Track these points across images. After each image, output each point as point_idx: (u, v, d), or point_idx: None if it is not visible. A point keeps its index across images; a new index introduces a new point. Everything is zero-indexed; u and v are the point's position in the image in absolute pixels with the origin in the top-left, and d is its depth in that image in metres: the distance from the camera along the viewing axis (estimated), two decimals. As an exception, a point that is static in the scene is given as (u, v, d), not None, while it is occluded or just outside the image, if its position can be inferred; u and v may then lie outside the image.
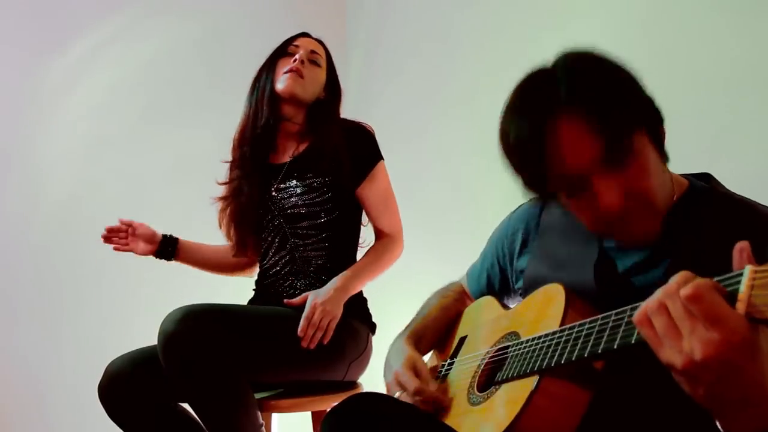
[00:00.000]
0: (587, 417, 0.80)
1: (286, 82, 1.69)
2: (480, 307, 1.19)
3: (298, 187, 1.67)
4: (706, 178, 0.94)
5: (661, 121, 0.86)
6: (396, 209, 1.77)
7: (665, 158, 0.86)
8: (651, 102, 0.86)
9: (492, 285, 1.20)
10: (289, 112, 1.72)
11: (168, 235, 1.83)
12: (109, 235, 1.79)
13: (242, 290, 1.86)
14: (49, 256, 2.52)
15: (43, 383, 2.47)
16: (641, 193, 0.82)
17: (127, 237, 1.79)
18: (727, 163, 0.96)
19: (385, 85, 2.73)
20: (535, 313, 0.94)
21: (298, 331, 1.51)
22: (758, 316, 0.57)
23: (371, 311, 1.75)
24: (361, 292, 1.74)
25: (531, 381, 0.83)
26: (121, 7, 2.71)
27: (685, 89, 1.51)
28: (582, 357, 0.76)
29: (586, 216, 0.87)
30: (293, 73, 1.69)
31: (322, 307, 1.53)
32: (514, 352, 0.92)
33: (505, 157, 0.87)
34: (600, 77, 0.81)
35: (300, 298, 1.59)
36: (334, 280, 1.60)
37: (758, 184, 0.89)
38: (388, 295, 1.94)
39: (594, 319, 0.76)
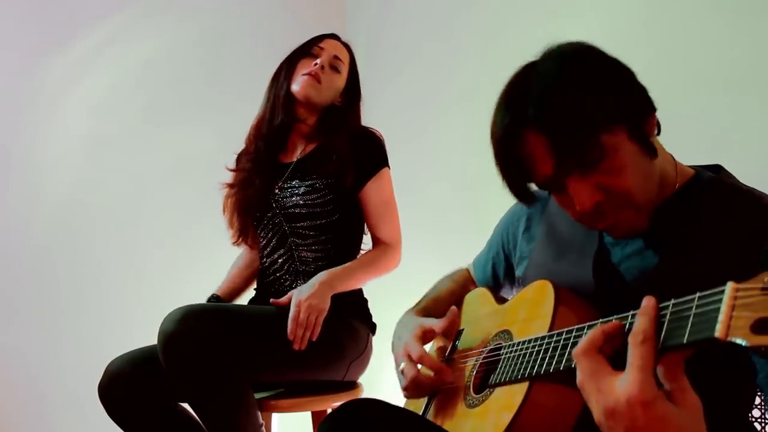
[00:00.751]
0: (585, 414, 0.80)
1: (301, 86, 1.70)
2: (476, 300, 1.20)
3: (301, 186, 1.67)
4: (717, 169, 0.95)
5: (647, 114, 0.86)
6: (397, 219, 1.74)
7: (651, 150, 0.86)
8: (635, 96, 0.86)
9: (497, 274, 1.21)
10: (302, 114, 1.74)
11: (213, 296, 1.80)
12: None
13: (242, 290, 1.87)
14: (49, 256, 2.52)
15: (43, 383, 2.47)
16: (615, 190, 0.83)
17: None
18: (727, 164, 0.96)
19: (385, 85, 2.73)
20: (526, 311, 0.95)
21: (287, 334, 1.49)
22: (742, 343, 0.50)
23: (371, 311, 1.75)
24: (362, 292, 1.74)
25: (522, 387, 0.84)
26: (121, 7, 2.71)
27: (685, 89, 1.51)
28: (569, 367, 0.75)
29: (571, 212, 0.89)
30: (311, 78, 1.70)
31: (307, 303, 1.50)
32: (506, 355, 0.93)
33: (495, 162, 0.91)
34: (569, 90, 0.82)
35: (285, 298, 1.56)
36: (321, 274, 1.58)
37: (758, 184, 0.89)
38: (388, 295, 1.94)
39: (581, 327, 0.76)
